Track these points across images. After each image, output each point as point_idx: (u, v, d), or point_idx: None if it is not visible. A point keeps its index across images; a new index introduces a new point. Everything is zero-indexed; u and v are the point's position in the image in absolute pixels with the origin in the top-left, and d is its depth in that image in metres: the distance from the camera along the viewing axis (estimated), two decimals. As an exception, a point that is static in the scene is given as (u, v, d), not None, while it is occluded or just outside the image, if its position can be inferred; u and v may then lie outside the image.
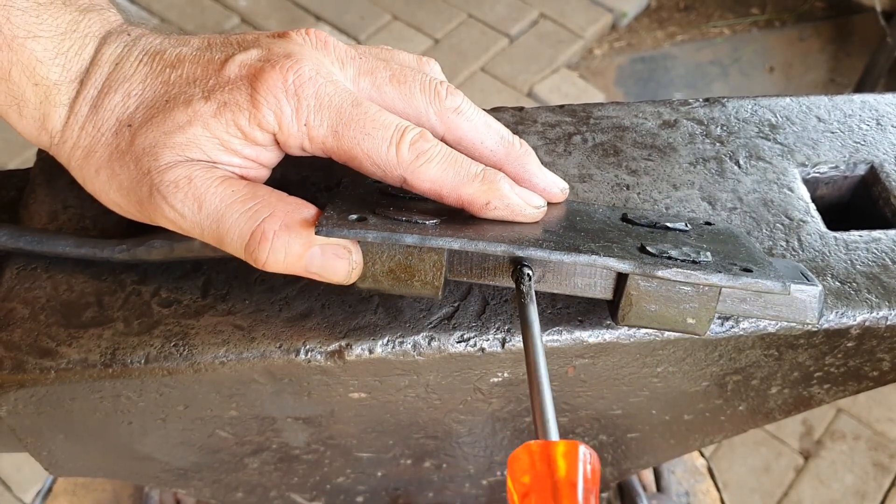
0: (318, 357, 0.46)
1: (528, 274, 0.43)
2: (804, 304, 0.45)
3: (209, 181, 0.44)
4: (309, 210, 0.44)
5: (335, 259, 0.43)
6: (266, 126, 0.44)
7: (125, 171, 0.45)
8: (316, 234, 0.41)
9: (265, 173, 0.47)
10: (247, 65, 0.45)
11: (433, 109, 0.46)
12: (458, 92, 0.48)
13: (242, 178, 0.46)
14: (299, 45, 0.46)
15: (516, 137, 0.48)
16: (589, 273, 0.44)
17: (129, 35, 0.47)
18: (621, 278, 0.44)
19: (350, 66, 0.47)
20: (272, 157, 0.47)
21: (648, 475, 0.89)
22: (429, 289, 0.44)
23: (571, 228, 0.46)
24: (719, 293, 0.43)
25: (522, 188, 0.46)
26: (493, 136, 0.47)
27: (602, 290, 0.45)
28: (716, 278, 0.41)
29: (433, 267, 0.43)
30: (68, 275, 0.49)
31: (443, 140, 0.47)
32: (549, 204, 0.48)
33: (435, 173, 0.44)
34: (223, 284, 0.49)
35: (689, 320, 0.44)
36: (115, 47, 0.47)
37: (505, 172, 0.46)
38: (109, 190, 0.46)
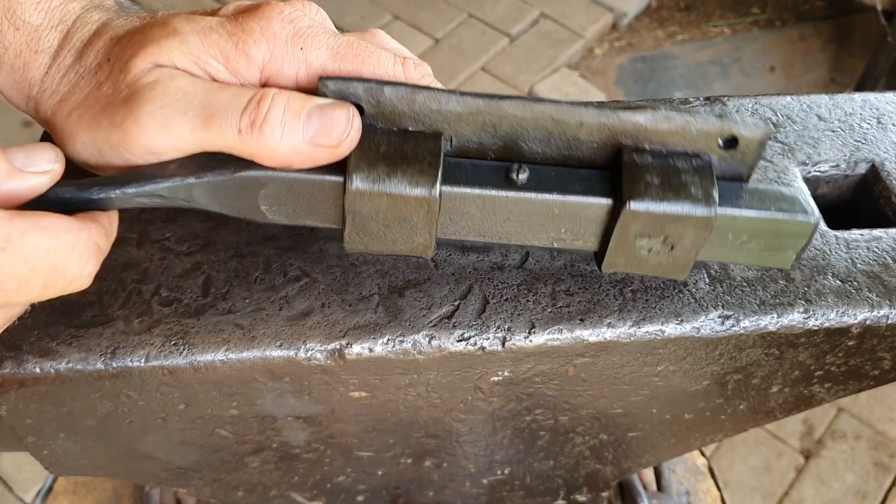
0: (319, 356, 0.46)
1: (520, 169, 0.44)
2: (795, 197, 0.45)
3: (189, 77, 0.42)
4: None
5: (335, 109, 0.41)
6: (255, 55, 0.42)
7: (101, 100, 0.42)
8: (320, 80, 0.41)
9: None
10: (241, 5, 0.44)
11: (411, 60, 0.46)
12: (423, 63, 0.47)
13: None
14: None
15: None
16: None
17: (119, 6, 0.47)
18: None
19: (324, 20, 0.46)
20: None
21: (649, 474, 0.89)
22: (424, 181, 0.42)
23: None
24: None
25: None
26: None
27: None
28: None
29: (430, 153, 0.42)
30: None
31: None
32: None
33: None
34: (223, 283, 0.49)
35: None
36: (104, 13, 0.46)
37: None
38: (79, 129, 0.43)
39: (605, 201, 0.44)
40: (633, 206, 0.42)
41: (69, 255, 0.37)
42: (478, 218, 0.45)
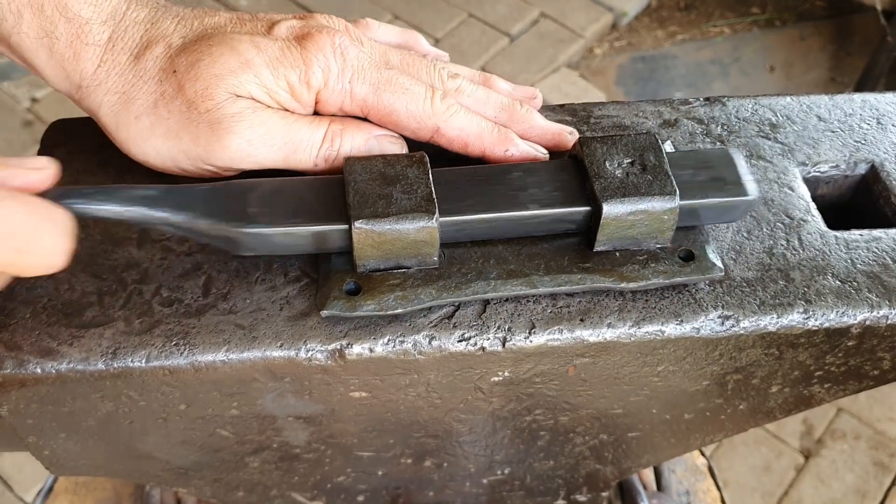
0: (319, 356, 0.46)
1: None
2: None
3: (269, 110, 0.48)
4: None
5: (390, 144, 0.51)
6: (313, 84, 0.48)
7: (175, 114, 0.47)
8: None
9: None
10: (294, 28, 0.49)
11: (439, 91, 0.51)
12: (457, 75, 0.53)
13: None
14: (328, 23, 0.51)
15: (516, 101, 0.54)
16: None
17: (157, 2, 0.51)
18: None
19: (368, 45, 0.51)
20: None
21: (649, 474, 0.89)
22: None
23: None
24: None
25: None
26: (492, 105, 0.53)
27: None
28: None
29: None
30: (69, 273, 0.49)
31: None
32: None
33: (463, 122, 0.51)
34: (224, 284, 0.49)
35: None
36: (149, 11, 0.49)
37: (514, 131, 0.52)
38: (151, 136, 0.48)
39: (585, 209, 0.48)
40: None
41: (43, 224, 0.40)
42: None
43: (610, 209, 0.47)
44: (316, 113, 0.50)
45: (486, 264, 0.49)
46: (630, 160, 0.48)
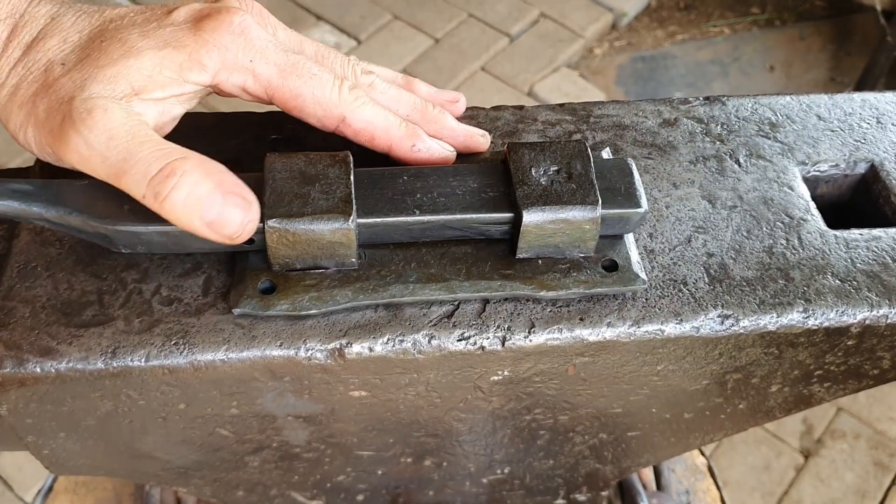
0: (319, 355, 0.46)
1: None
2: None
3: (126, 117, 0.43)
4: (221, 167, 0.43)
5: (234, 208, 0.43)
6: (207, 63, 0.45)
7: (44, 103, 0.45)
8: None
9: (180, 111, 0.48)
10: (194, 10, 0.47)
11: (348, 82, 0.50)
12: (371, 72, 0.52)
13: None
14: (238, 4, 0.48)
15: (429, 103, 0.53)
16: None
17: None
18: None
19: (282, 32, 0.50)
20: (193, 103, 0.48)
21: (648, 473, 0.89)
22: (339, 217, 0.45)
23: None
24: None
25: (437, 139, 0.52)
26: (405, 104, 0.53)
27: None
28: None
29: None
30: (69, 273, 0.49)
31: None
32: None
33: (370, 114, 0.49)
34: (224, 283, 0.49)
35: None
36: (52, 6, 0.47)
37: (425, 131, 0.52)
38: (27, 126, 0.46)
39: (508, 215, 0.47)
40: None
41: None
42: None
43: (530, 217, 0.46)
44: (219, 94, 0.48)
45: (406, 267, 0.48)
46: (556, 168, 0.48)
